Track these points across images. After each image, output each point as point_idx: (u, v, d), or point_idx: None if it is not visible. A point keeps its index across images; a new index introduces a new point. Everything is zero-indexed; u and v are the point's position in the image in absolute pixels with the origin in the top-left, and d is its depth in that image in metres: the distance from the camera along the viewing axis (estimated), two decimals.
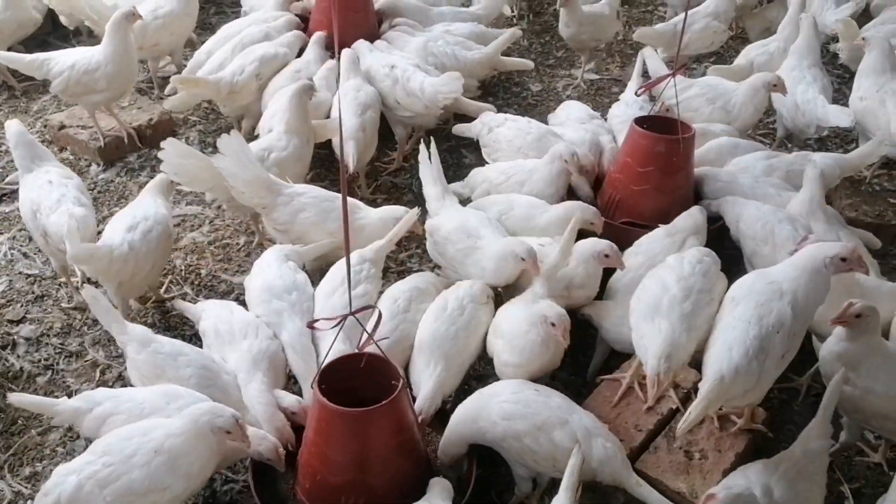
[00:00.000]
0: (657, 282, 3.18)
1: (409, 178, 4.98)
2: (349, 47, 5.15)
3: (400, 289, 3.50)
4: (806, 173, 3.94)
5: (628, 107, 4.74)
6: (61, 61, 4.75)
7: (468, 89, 5.28)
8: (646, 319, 3.06)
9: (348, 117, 4.51)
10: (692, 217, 3.84)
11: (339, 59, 4.55)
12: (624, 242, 3.79)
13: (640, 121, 4.21)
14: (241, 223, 4.61)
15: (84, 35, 6.26)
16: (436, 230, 3.78)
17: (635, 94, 4.71)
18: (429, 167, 3.96)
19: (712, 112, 4.72)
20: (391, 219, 3.83)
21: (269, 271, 3.53)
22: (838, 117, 4.68)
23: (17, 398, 2.99)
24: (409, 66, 4.94)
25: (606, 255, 3.51)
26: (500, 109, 5.44)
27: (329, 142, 4.80)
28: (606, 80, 6.13)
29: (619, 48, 6.54)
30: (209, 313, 3.42)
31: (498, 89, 5.91)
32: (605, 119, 4.90)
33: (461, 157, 5.21)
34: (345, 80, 4.86)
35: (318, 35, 5.29)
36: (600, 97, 5.91)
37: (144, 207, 3.81)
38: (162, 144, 3.85)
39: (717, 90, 4.80)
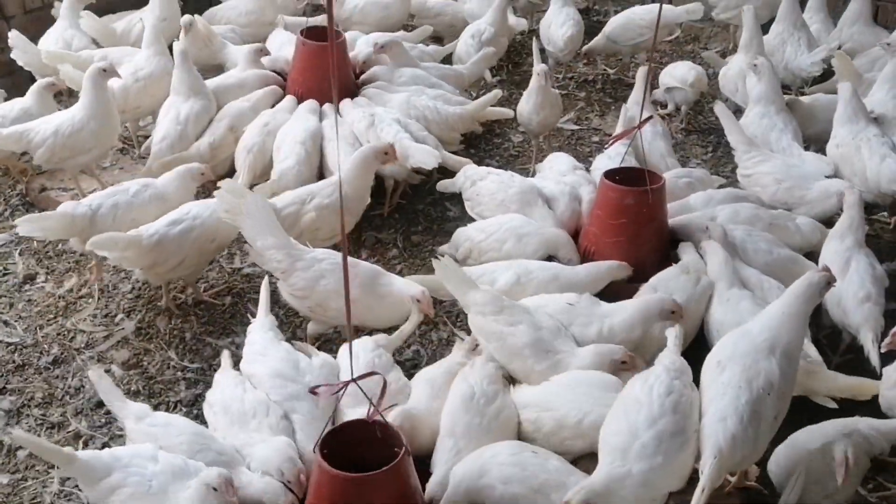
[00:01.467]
0: (625, 423, 2.83)
1: (394, 234, 4.98)
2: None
3: (434, 373, 3.43)
4: (846, 200, 4.01)
5: (611, 160, 4.75)
6: (42, 129, 4.74)
7: (451, 143, 5.31)
8: (615, 458, 2.79)
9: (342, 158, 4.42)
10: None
11: (337, 107, 4.56)
12: (604, 294, 3.84)
13: (611, 173, 4.24)
14: (226, 283, 4.58)
15: (65, 95, 6.26)
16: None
17: (603, 148, 4.74)
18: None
19: (777, 192, 4.62)
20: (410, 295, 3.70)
21: (272, 356, 3.45)
22: (819, 167, 4.77)
23: (22, 437, 3.01)
24: (389, 118, 4.99)
25: (673, 312, 3.33)
26: (481, 161, 5.48)
27: None
28: (586, 129, 6.20)
29: (597, 97, 6.63)
30: (221, 388, 3.40)
31: (479, 141, 5.96)
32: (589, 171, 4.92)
33: (445, 210, 5.22)
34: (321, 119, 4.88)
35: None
36: (581, 146, 5.97)
37: (199, 208, 4.11)
38: (220, 184, 3.93)
39: (787, 172, 4.69)
